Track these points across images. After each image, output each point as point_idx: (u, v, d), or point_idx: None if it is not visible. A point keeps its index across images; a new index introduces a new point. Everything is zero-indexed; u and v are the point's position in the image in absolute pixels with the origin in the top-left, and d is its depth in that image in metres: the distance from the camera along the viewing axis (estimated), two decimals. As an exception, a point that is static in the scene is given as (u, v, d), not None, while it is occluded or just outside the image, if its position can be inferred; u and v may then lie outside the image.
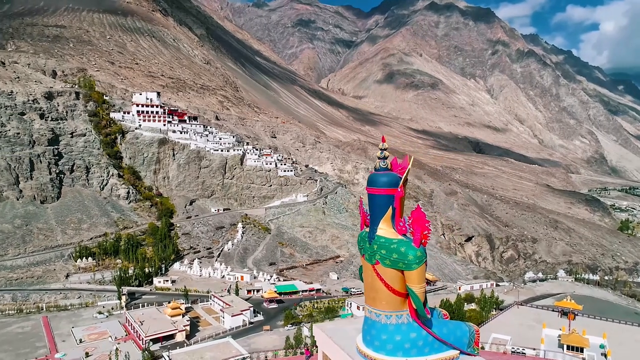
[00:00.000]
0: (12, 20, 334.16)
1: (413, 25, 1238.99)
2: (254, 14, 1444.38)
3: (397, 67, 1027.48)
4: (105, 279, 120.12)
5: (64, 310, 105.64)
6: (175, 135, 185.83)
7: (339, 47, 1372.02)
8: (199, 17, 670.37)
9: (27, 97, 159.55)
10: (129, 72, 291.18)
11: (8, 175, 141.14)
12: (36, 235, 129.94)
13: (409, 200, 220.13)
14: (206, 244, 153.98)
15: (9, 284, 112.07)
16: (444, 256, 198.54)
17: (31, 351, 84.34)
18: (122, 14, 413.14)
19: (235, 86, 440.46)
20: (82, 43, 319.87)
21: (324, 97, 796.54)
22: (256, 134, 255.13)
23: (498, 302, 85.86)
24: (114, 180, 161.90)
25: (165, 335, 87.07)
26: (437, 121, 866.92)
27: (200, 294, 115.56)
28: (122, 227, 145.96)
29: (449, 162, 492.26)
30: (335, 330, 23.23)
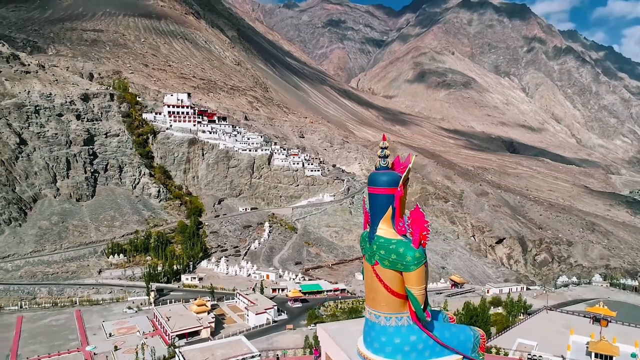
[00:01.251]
0: (53, 25, 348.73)
1: (445, 23, 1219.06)
2: (285, 15, 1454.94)
3: (429, 65, 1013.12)
4: (136, 275, 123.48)
5: (95, 304, 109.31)
6: (205, 135, 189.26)
7: (369, 47, 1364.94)
8: (231, 19, 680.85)
9: (65, 99, 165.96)
10: (162, 74, 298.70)
11: (46, 174, 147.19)
12: (71, 232, 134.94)
13: (437, 200, 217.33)
14: (233, 242, 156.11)
15: (45, 278, 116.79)
16: (474, 258, 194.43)
17: (64, 343, 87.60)
18: (156, 17, 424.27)
19: (265, 87, 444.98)
20: (118, 46, 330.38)
21: (353, 97, 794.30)
22: (284, 134, 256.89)
23: (526, 306, 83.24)
24: (145, 179, 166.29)
25: (190, 332, 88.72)
26: (469, 120, 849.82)
27: (226, 291, 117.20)
28: (152, 225, 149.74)
29: (481, 162, 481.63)
30: (338, 331, 23.01)
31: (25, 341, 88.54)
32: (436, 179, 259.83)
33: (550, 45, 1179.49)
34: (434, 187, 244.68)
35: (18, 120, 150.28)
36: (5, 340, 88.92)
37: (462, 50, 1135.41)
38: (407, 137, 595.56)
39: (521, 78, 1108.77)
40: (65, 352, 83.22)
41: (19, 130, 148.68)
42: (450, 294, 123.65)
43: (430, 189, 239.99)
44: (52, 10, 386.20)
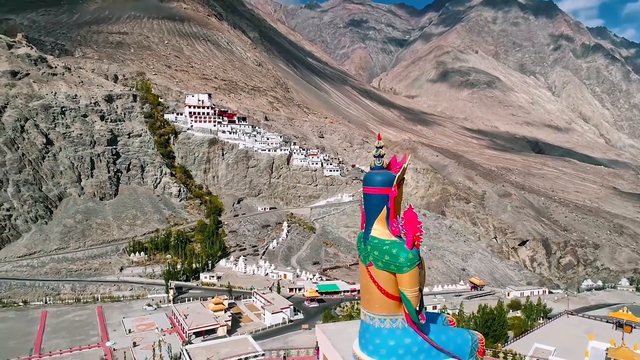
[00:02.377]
0: (80, 28, 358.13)
1: (468, 21, 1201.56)
2: (307, 16, 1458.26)
3: (452, 65, 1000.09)
4: (156, 273, 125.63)
5: (117, 301, 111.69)
6: (225, 135, 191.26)
7: (391, 46, 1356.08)
8: (253, 20, 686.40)
9: (90, 100, 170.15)
10: (184, 75, 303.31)
11: (71, 173, 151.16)
12: (95, 230, 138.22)
13: (458, 201, 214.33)
14: (252, 241, 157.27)
15: (69, 274, 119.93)
16: (495, 260, 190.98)
17: (85, 338, 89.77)
18: (179, 19, 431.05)
19: (286, 87, 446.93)
20: (142, 48, 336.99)
21: (375, 96, 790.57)
22: (304, 134, 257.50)
23: (545, 310, 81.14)
24: (166, 178, 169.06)
25: (207, 330, 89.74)
26: (493, 120, 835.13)
27: (243, 290, 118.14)
28: (173, 223, 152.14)
29: (504, 163, 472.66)
30: (336, 332, 22.86)
31: (49, 335, 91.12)
32: (457, 179, 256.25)
33: (578, 42, 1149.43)
34: (455, 187, 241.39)
35: (45, 121, 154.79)
36: (30, 334, 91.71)
37: (486, 49, 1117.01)
38: (428, 137, 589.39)
39: (547, 77, 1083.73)
40: (86, 347, 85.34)
41: (45, 131, 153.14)
42: (470, 296, 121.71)
43: (451, 190, 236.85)
44: (80, 13, 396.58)
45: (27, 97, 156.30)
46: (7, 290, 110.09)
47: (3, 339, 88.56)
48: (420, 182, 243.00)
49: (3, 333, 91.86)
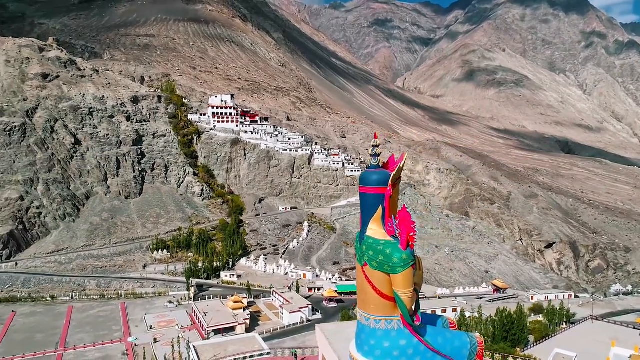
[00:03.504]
0: (109, 32, 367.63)
1: (496, 19, 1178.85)
2: (331, 16, 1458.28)
3: (478, 63, 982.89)
4: (177, 271, 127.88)
5: (139, 298, 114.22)
6: (247, 135, 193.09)
7: (416, 46, 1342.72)
8: (277, 21, 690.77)
9: (116, 101, 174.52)
10: (209, 76, 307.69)
11: (98, 172, 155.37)
12: (120, 228, 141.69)
13: (483, 202, 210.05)
14: (272, 241, 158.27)
15: (95, 271, 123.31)
16: (520, 263, 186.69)
17: (108, 334, 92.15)
18: (204, 21, 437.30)
19: (309, 87, 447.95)
20: (168, 50, 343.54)
21: (399, 96, 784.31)
22: (326, 134, 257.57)
23: (569, 314, 78.75)
24: (189, 178, 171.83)
25: (226, 327, 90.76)
26: (521, 120, 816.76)
27: (262, 289, 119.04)
28: (195, 222, 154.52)
29: (532, 163, 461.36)
30: (335, 332, 22.78)
31: (74, 330, 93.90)
32: (482, 180, 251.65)
33: (610, 39, 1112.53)
34: (479, 188, 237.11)
35: (73, 122, 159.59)
36: (56, 328, 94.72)
37: (514, 47, 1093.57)
38: (453, 137, 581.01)
39: (578, 75, 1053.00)
40: (109, 342, 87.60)
41: (74, 131, 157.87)
42: (492, 299, 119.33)
43: (475, 191, 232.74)
44: (109, 17, 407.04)
45: (57, 99, 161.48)
46: (36, 286, 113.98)
47: (31, 333, 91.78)
48: (443, 183, 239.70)
49: (31, 327, 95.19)
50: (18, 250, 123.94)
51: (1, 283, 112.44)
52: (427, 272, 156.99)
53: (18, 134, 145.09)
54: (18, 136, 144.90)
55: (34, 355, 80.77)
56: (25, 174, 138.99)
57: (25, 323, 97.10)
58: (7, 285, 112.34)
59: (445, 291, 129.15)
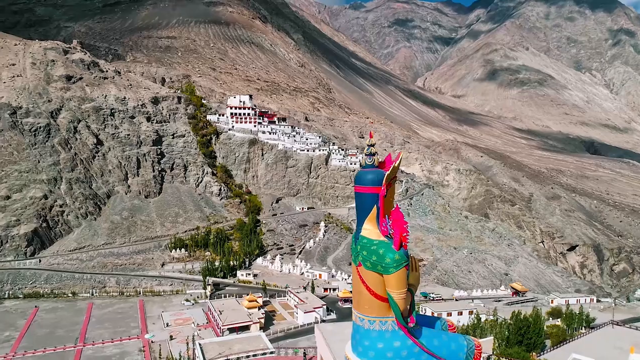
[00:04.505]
0: (132, 34, 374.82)
1: (519, 17, 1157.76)
2: (351, 16, 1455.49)
3: (500, 62, 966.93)
4: (195, 269, 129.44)
5: (157, 295, 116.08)
6: (265, 135, 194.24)
7: (437, 45, 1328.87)
8: (297, 22, 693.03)
9: (137, 102, 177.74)
10: (228, 77, 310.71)
11: (119, 172, 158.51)
12: (139, 227, 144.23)
13: (503, 203, 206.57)
14: (289, 241, 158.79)
15: (114, 269, 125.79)
16: (542, 265, 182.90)
17: (126, 330, 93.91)
18: (225, 23, 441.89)
19: (329, 88, 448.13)
20: (188, 52, 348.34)
21: (419, 96, 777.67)
22: (344, 135, 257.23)
23: (589, 319, 76.66)
24: (208, 178, 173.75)
25: (240, 326, 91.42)
26: (544, 120, 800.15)
27: (278, 288, 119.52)
28: (213, 221, 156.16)
29: (556, 164, 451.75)
30: (333, 332, 22.71)
31: (93, 326, 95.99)
32: (502, 181, 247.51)
33: (639, 37, 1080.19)
34: (499, 189, 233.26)
35: (96, 122, 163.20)
36: (76, 324, 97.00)
37: (538, 46, 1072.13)
38: (474, 138, 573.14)
39: (605, 73, 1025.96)
40: (127, 339, 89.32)
41: (96, 132, 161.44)
42: (510, 302, 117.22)
43: (495, 192, 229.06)
44: (132, 20, 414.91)
45: (80, 100, 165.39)
46: (58, 282, 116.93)
47: (53, 328, 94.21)
48: (462, 184, 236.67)
49: (53, 322, 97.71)
50: (42, 247, 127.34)
51: (25, 279, 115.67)
52: (444, 273, 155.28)
53: (43, 134, 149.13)
54: (43, 136, 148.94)
55: (54, 350, 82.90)
56: (49, 173, 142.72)
57: (47, 318, 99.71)
58: (30, 281, 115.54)
59: (462, 293, 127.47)
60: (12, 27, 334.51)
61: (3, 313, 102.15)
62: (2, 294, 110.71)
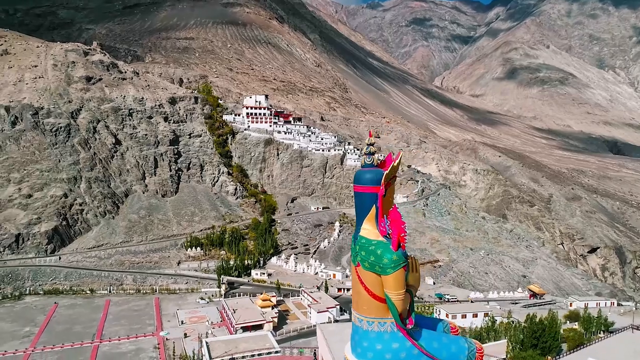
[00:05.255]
0: (151, 35, 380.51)
1: (539, 15, 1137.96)
2: (368, 15, 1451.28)
3: (520, 61, 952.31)
4: (210, 268, 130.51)
5: (173, 293, 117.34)
6: (280, 135, 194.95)
7: (455, 44, 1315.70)
8: (314, 22, 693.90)
9: (155, 102, 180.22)
10: (244, 77, 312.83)
11: (136, 171, 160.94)
12: (156, 225, 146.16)
13: (521, 204, 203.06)
14: (304, 240, 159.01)
15: (131, 266, 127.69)
16: (561, 268, 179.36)
17: (142, 327, 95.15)
18: (242, 24, 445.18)
19: (345, 87, 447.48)
20: (206, 52, 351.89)
21: (437, 95, 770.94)
22: (360, 134, 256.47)
23: (607, 323, 74.82)
24: (224, 177, 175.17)
25: (253, 325, 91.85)
26: (565, 119, 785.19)
27: (292, 288, 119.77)
28: (228, 220, 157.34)
29: (577, 165, 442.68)
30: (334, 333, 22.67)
31: (110, 323, 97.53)
32: (521, 181, 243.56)
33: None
34: (517, 190, 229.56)
35: (114, 123, 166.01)
36: (94, 320, 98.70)
37: (559, 44, 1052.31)
38: (493, 137, 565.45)
39: (629, 71, 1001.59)
40: (142, 336, 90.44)
41: (114, 132, 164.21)
42: (527, 304, 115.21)
43: (513, 192, 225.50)
44: (151, 21, 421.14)
45: (99, 100, 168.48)
46: (77, 279, 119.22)
47: (71, 324, 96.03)
48: (480, 184, 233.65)
49: (71, 318, 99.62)
50: (61, 245, 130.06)
51: (45, 276, 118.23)
52: (460, 275, 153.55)
53: (63, 134, 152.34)
54: (63, 136, 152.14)
55: (72, 345, 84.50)
56: (69, 172, 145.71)
57: (66, 314, 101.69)
58: (50, 278, 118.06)
59: (478, 295, 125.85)
60: (35, 30, 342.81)
61: (24, 309, 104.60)
62: (24, 290, 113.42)
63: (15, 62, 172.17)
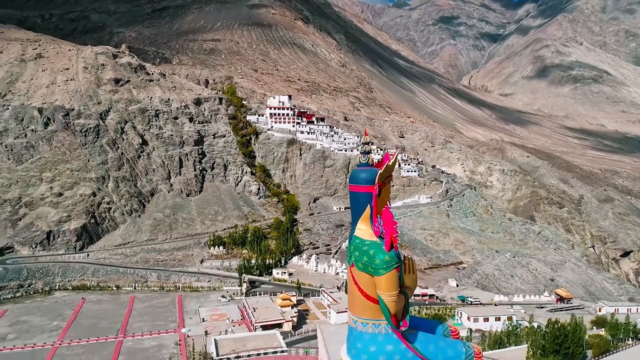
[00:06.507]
0: (178, 38, 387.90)
1: (572, 11, 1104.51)
2: (394, 14, 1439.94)
3: (551, 59, 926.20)
4: (232, 267, 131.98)
5: (195, 291, 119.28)
6: (303, 135, 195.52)
7: (483, 42, 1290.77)
8: (339, 22, 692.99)
9: (180, 103, 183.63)
10: (269, 78, 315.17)
11: (162, 171, 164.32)
12: (180, 224, 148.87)
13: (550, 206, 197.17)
14: (325, 240, 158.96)
15: (156, 264, 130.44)
16: (591, 272, 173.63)
17: (164, 324, 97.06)
18: (267, 25, 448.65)
19: (370, 87, 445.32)
20: (232, 54, 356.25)
21: (464, 95, 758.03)
22: (383, 134, 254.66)
23: (636, 329, 71.79)
24: (247, 177, 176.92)
25: (273, 324, 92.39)
26: (599, 118, 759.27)
27: (312, 288, 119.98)
28: (251, 220, 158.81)
29: (611, 165, 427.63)
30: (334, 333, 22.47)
31: (134, 318, 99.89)
32: (550, 182, 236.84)
33: None
34: (546, 191, 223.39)
35: (141, 123, 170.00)
36: (119, 316, 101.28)
37: (593, 40, 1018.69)
38: (522, 137, 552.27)
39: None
40: (164, 332, 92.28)
41: (141, 132, 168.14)
42: (554, 308, 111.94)
43: (542, 193, 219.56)
44: (179, 24, 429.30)
45: (127, 102, 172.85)
46: (104, 276, 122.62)
47: (97, 319, 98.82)
48: (507, 185, 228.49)
49: (98, 313, 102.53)
50: (90, 242, 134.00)
51: (74, 272, 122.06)
52: (485, 277, 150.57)
53: (92, 135, 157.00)
54: (92, 137, 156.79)
55: (97, 340, 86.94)
56: (98, 172, 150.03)
57: (93, 310, 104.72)
58: (79, 274, 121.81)
59: (503, 298, 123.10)
60: (69, 34, 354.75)
61: (53, 303, 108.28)
62: (53, 285, 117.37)
63: (48, 65, 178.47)
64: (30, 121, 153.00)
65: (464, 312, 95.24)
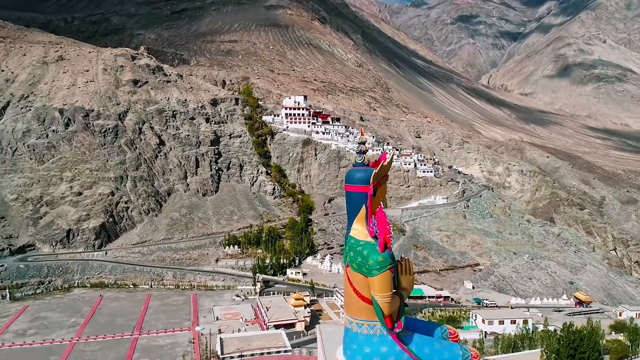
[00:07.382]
0: (196, 39, 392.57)
1: (595, 8, 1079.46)
2: (412, 14, 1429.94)
3: (574, 57, 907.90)
4: (247, 266, 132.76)
5: (210, 290, 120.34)
6: (318, 136, 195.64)
7: (503, 41, 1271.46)
8: (356, 22, 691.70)
9: (197, 104, 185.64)
10: (285, 79, 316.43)
11: (179, 171, 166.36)
12: (196, 223, 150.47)
13: (571, 207, 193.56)
14: (340, 241, 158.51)
15: (172, 263, 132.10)
16: (613, 275, 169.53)
17: (179, 322, 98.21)
18: (284, 25, 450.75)
19: (387, 87, 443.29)
20: (249, 54, 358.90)
21: (483, 94, 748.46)
22: (400, 134, 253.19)
23: (656, 335, 69.81)
24: (262, 177, 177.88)
25: (285, 324, 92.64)
26: (623, 117, 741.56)
27: (326, 288, 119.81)
28: (266, 220, 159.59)
29: (635, 166, 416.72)
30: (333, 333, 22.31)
31: (150, 316, 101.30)
32: (570, 183, 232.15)
33: None
34: (566, 192, 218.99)
35: (159, 124, 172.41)
36: (135, 313, 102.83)
37: (617, 38, 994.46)
38: (543, 137, 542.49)
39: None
40: (178, 330, 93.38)
41: (159, 132, 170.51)
42: (572, 312, 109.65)
43: (562, 194, 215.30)
44: (197, 26, 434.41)
45: (145, 103, 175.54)
46: (121, 274, 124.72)
47: (114, 316, 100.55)
48: (526, 185, 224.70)
49: (115, 311, 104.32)
50: (108, 240, 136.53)
51: (93, 270, 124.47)
52: (502, 279, 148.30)
53: (111, 135, 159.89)
54: (111, 137, 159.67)
55: (113, 336, 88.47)
56: (116, 172, 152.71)
57: (110, 307, 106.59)
58: (97, 271, 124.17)
59: (519, 301, 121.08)
60: (91, 37, 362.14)
61: (72, 300, 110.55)
62: (72, 282, 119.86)
63: (69, 67, 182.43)
64: (51, 122, 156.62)
65: (479, 314, 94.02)
